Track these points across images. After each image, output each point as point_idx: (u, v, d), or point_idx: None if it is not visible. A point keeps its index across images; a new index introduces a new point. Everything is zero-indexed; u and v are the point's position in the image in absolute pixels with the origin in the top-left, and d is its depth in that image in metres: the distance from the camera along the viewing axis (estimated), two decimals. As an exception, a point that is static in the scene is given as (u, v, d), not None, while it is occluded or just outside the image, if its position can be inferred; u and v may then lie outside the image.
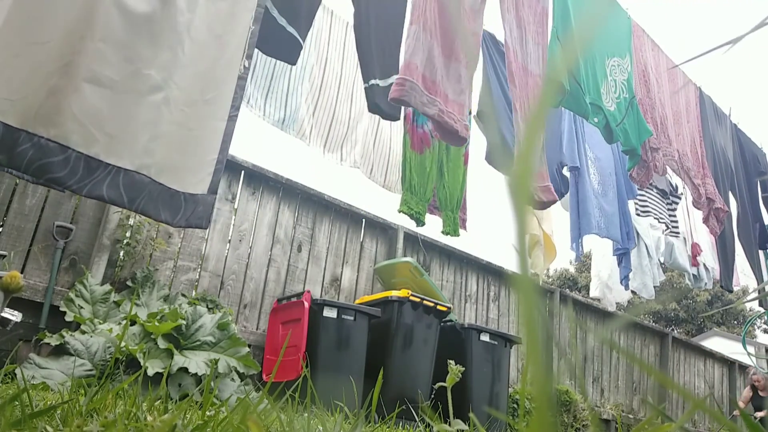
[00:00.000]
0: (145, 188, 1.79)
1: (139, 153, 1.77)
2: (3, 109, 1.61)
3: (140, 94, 1.78)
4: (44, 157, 1.62)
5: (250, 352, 3.50)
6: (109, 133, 1.71)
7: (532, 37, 2.94)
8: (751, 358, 8.45)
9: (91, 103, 1.69)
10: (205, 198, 1.95)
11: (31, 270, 3.62)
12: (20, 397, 0.78)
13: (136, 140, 1.76)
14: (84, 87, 1.69)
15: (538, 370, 0.27)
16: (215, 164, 1.98)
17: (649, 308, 20.31)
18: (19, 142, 1.61)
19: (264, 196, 4.83)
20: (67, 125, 1.66)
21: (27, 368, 2.78)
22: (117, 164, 1.73)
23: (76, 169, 1.66)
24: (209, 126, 1.96)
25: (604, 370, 7.62)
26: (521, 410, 1.59)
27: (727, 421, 0.42)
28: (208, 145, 1.96)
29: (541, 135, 2.85)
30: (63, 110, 1.66)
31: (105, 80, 1.72)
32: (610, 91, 3.38)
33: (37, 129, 1.63)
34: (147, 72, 1.79)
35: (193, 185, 1.92)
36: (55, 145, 1.64)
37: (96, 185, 1.69)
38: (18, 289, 1.57)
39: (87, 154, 1.68)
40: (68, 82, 1.67)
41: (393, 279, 4.95)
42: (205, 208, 1.94)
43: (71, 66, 1.68)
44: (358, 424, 1.01)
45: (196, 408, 1.19)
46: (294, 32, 2.62)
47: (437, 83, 2.28)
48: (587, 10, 3.24)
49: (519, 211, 0.28)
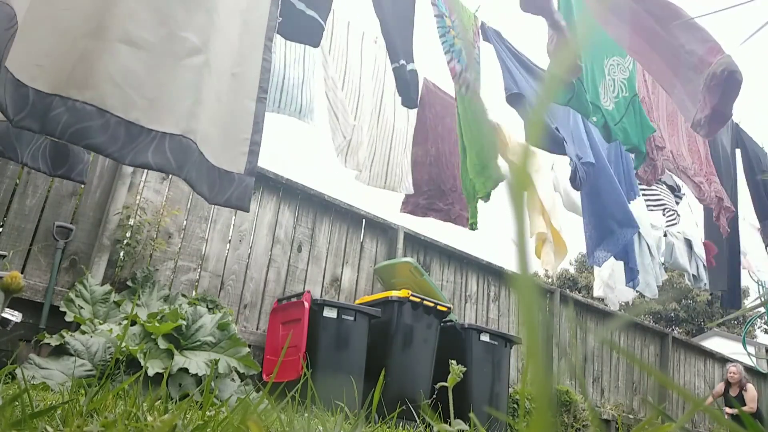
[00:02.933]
0: (193, 156, 1.71)
1: (183, 116, 1.69)
2: (32, 75, 1.55)
3: (178, 57, 1.70)
4: (81, 121, 1.54)
5: (250, 353, 3.50)
6: (149, 97, 1.63)
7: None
8: (751, 358, 8.45)
9: (126, 65, 1.61)
10: (242, 179, 1.87)
11: (32, 270, 3.62)
12: (20, 398, 0.78)
13: (178, 104, 1.68)
14: (118, 48, 1.61)
15: (538, 370, 0.27)
16: (249, 145, 1.90)
17: (649, 308, 20.30)
18: (52, 106, 1.53)
19: (264, 196, 4.83)
20: (102, 87, 1.57)
21: (27, 368, 2.78)
22: (161, 129, 1.64)
23: (117, 136, 1.57)
24: (239, 102, 1.90)
25: (605, 370, 7.62)
26: (521, 410, 1.59)
27: (727, 421, 0.42)
28: (240, 122, 1.89)
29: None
30: (97, 72, 1.58)
31: (140, 41, 1.64)
32: (608, 91, 3.39)
33: (70, 92, 1.55)
34: (183, 35, 1.73)
35: (227, 162, 1.84)
36: (92, 108, 1.55)
37: (140, 152, 1.60)
38: (18, 290, 1.57)
39: (127, 120, 1.59)
40: (101, 44, 1.59)
41: (393, 279, 4.95)
42: (245, 190, 1.87)
43: (102, 28, 1.61)
44: (358, 424, 1.01)
45: (196, 408, 1.19)
46: (314, 14, 2.63)
47: None
48: (588, 8, 3.25)
49: (519, 212, 0.28)
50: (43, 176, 3.75)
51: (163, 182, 4.28)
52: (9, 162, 3.64)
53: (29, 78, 1.55)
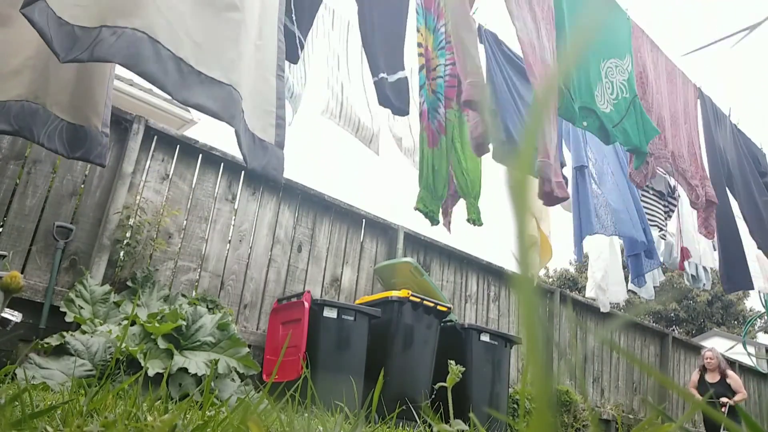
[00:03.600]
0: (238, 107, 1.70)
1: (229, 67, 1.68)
2: (74, 14, 1.52)
3: (218, 9, 1.71)
4: (132, 46, 1.50)
5: (250, 353, 3.50)
6: (196, 40, 1.62)
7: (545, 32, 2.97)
8: (751, 358, 8.45)
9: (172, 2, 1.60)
10: (275, 149, 1.88)
11: (31, 270, 3.62)
12: (21, 397, 0.78)
13: (223, 53, 1.67)
14: None
15: (538, 370, 0.27)
16: (275, 118, 1.91)
17: (649, 308, 20.30)
18: (100, 36, 1.50)
19: (264, 196, 4.83)
20: (150, 17, 1.55)
21: (27, 368, 2.78)
22: (209, 74, 1.63)
23: (169, 70, 1.56)
24: (262, 74, 1.90)
25: (605, 370, 7.62)
26: (521, 410, 1.59)
27: (727, 421, 0.42)
28: (266, 94, 1.90)
29: (545, 131, 2.86)
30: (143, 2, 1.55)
31: None
32: (605, 93, 3.38)
33: (117, 21, 1.52)
34: None
35: (260, 129, 1.84)
36: (143, 35, 1.53)
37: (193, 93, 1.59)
38: (18, 290, 1.57)
39: (177, 56, 1.57)
40: None
41: (393, 279, 4.95)
42: (278, 161, 1.88)
43: None
44: (358, 424, 1.01)
45: (196, 408, 1.19)
46: (296, 30, 2.64)
47: None
48: (585, 13, 3.26)
49: (519, 212, 0.28)
50: (43, 176, 3.75)
51: (163, 182, 4.28)
52: (9, 162, 3.64)
53: (71, 17, 1.53)
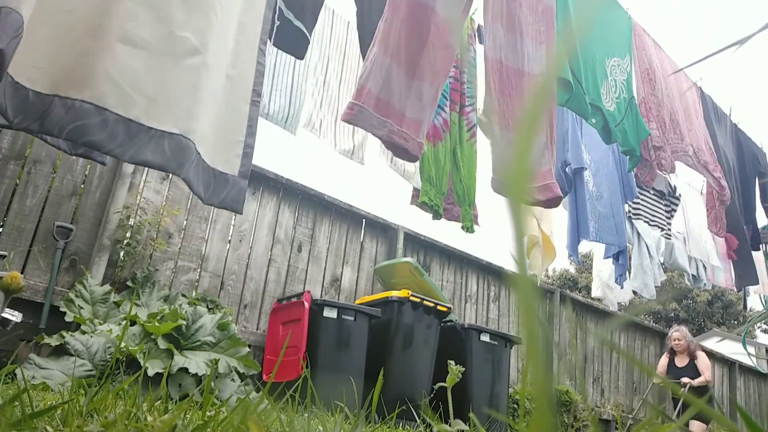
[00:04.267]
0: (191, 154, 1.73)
1: (182, 116, 1.70)
2: (31, 76, 1.55)
3: (177, 57, 1.72)
4: (79, 119, 1.54)
5: (250, 353, 3.50)
6: (149, 95, 1.65)
7: (533, 37, 2.93)
8: (751, 359, 8.45)
9: (126, 64, 1.63)
10: (237, 181, 1.89)
11: (31, 270, 3.62)
12: (20, 398, 0.78)
13: (177, 103, 1.70)
14: (117, 47, 1.62)
15: (538, 370, 0.27)
16: (243, 147, 1.92)
17: (649, 308, 20.30)
18: (51, 106, 1.54)
19: (264, 196, 4.83)
20: (102, 86, 1.58)
21: (27, 368, 2.78)
22: (160, 128, 1.65)
23: (116, 133, 1.58)
24: (234, 104, 1.92)
25: (604, 370, 7.62)
26: (521, 410, 1.59)
27: (728, 421, 0.42)
28: (234, 124, 1.91)
29: (540, 133, 2.85)
30: (96, 72, 1.59)
31: (139, 41, 1.66)
32: (610, 91, 3.38)
33: (69, 92, 1.56)
34: (182, 34, 1.74)
35: (222, 163, 1.86)
36: (90, 106, 1.56)
37: (139, 150, 1.61)
38: (18, 290, 1.57)
39: (126, 117, 1.60)
40: (100, 43, 1.61)
41: (393, 279, 4.95)
42: (238, 192, 1.89)
43: (101, 28, 1.61)
44: (358, 425, 1.01)
45: (196, 408, 1.19)
46: (301, 26, 2.64)
47: (392, 104, 2.35)
48: (586, 9, 3.24)
49: (516, 212, 0.28)
50: (43, 176, 3.75)
51: (163, 182, 4.28)
52: (9, 162, 3.64)
53: (28, 80, 1.56)
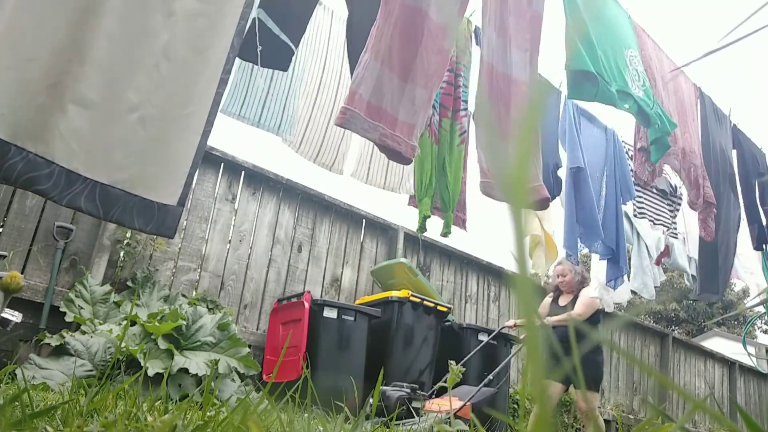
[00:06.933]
0: (119, 200, 1.92)
1: (113, 169, 1.90)
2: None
3: (117, 115, 1.90)
4: (32, 171, 1.75)
5: (250, 353, 3.50)
6: (88, 149, 1.84)
7: (518, 44, 2.93)
8: (752, 359, 8.46)
9: (75, 123, 1.82)
10: (174, 209, 2.06)
11: (32, 270, 3.62)
12: (21, 398, 0.79)
13: (111, 156, 1.89)
14: (69, 108, 1.80)
15: (538, 370, 0.27)
16: (186, 177, 2.08)
17: (649, 308, 20.29)
18: (10, 155, 1.71)
19: (264, 196, 4.83)
20: (53, 142, 1.77)
21: (27, 368, 2.78)
22: (94, 178, 1.85)
23: (59, 182, 1.79)
24: (186, 139, 2.07)
25: (605, 370, 7.61)
26: (521, 410, 1.59)
27: (728, 422, 0.42)
28: (183, 158, 2.07)
29: (535, 136, 2.86)
30: (50, 128, 1.77)
31: (88, 102, 1.83)
32: (634, 80, 3.38)
33: (26, 144, 1.74)
34: (126, 94, 1.91)
35: (168, 196, 2.03)
36: (42, 160, 1.76)
37: (75, 197, 1.81)
38: (18, 290, 1.57)
39: (68, 168, 1.81)
40: (55, 101, 1.78)
41: (390, 280, 4.95)
42: (173, 218, 2.05)
43: (58, 86, 1.78)
44: (358, 424, 1.01)
45: (196, 408, 1.19)
46: (287, 40, 2.64)
47: (383, 109, 2.37)
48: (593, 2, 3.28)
49: (516, 213, 0.28)
50: (43, 176, 3.75)
51: (163, 182, 4.28)
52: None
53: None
